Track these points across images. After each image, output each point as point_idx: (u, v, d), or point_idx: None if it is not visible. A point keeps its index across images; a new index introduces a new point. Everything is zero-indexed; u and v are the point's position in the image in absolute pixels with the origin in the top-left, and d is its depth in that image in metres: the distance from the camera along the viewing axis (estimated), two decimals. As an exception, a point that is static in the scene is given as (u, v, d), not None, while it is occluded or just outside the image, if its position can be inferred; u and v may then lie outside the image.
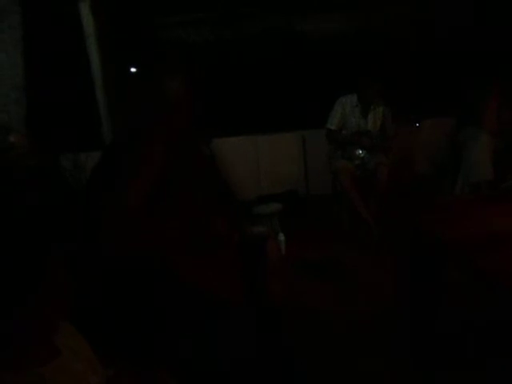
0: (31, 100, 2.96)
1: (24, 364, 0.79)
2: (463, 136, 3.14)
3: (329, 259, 2.90)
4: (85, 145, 3.44)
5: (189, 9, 4.18)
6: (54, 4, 3.63)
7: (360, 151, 3.41)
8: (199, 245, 1.46)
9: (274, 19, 4.41)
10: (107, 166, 1.43)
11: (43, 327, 0.84)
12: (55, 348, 0.86)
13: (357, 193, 3.29)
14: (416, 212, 2.12)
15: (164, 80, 1.50)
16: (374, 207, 3.29)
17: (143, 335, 1.31)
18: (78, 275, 1.15)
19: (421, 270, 1.85)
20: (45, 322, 0.84)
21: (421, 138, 4.34)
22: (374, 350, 1.97)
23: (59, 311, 0.87)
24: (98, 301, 1.37)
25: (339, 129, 3.47)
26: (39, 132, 2.98)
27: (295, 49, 4.56)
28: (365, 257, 2.95)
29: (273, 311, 1.56)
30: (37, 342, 0.82)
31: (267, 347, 1.44)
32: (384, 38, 4.46)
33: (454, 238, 1.68)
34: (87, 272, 1.30)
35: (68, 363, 0.86)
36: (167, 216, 1.39)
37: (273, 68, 4.60)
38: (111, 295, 1.37)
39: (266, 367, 1.41)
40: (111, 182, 1.33)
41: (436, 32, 4.43)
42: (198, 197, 1.54)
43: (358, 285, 2.59)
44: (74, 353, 0.91)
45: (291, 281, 2.10)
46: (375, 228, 3.20)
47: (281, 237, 3.02)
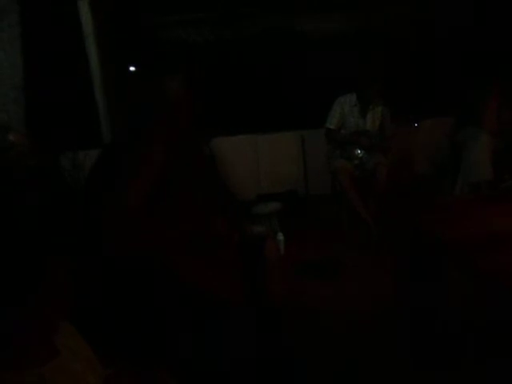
0: (30, 99, 2.95)
1: (24, 364, 0.78)
2: (463, 136, 3.14)
3: (328, 259, 2.90)
4: (83, 143, 3.44)
5: (189, 8, 4.17)
6: (53, 3, 3.63)
7: (359, 151, 3.41)
8: (199, 245, 1.46)
9: (274, 19, 4.41)
10: (106, 166, 1.43)
11: (43, 327, 0.84)
12: (54, 348, 0.86)
13: (356, 193, 3.30)
14: (416, 212, 2.12)
15: (164, 80, 1.50)
16: (373, 207, 3.29)
17: (143, 335, 1.31)
18: (78, 275, 1.15)
19: (421, 270, 1.86)
20: (45, 322, 0.84)
21: (420, 138, 4.35)
22: (374, 350, 1.97)
23: (59, 311, 0.87)
24: (98, 301, 1.36)
25: (338, 128, 3.46)
26: (38, 131, 2.97)
27: (295, 49, 4.56)
28: (364, 257, 2.95)
29: (273, 311, 1.56)
30: (37, 342, 0.82)
31: (267, 347, 1.44)
32: (384, 38, 4.46)
33: (454, 238, 1.69)
34: (87, 272, 1.30)
35: (67, 363, 0.86)
36: (167, 216, 1.38)
37: (272, 68, 4.60)
38: (111, 295, 1.36)
39: (266, 367, 1.41)
40: (111, 182, 1.32)
41: (436, 32, 4.43)
42: (198, 197, 1.54)
43: (358, 285, 2.58)
44: (74, 353, 0.90)
45: (291, 281, 2.10)
46: (374, 228, 3.20)
47: (280, 236, 3.02)
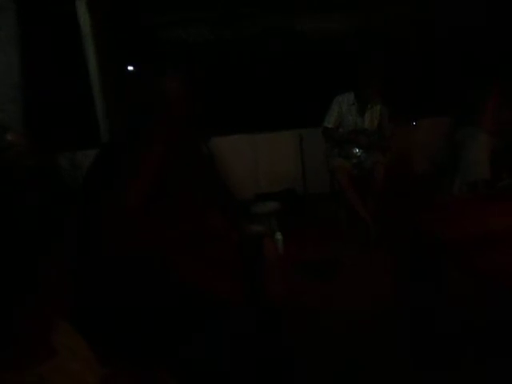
0: (28, 99, 2.94)
1: (22, 364, 0.78)
2: (461, 135, 3.14)
3: (327, 259, 2.90)
4: (82, 143, 3.43)
5: (188, 8, 4.16)
6: (51, 2, 3.61)
7: (357, 150, 3.41)
8: (199, 244, 1.46)
9: (274, 19, 4.41)
10: (105, 165, 1.43)
11: (41, 327, 0.83)
12: (53, 347, 0.85)
13: (354, 191, 3.30)
14: (414, 211, 2.12)
15: (163, 80, 1.50)
16: (372, 206, 3.30)
17: (142, 335, 1.31)
18: (77, 274, 1.15)
19: (420, 270, 1.86)
20: (43, 322, 0.83)
21: (418, 137, 4.35)
22: (374, 350, 1.97)
23: (57, 311, 0.87)
24: (97, 300, 1.36)
25: (336, 127, 3.47)
26: (36, 131, 2.97)
27: (294, 48, 4.55)
28: (363, 255, 2.95)
29: (272, 311, 1.56)
30: (35, 342, 0.82)
31: (267, 347, 1.44)
32: (384, 38, 4.46)
33: (453, 238, 1.69)
34: (86, 271, 1.30)
35: (66, 363, 0.86)
36: (166, 216, 1.38)
37: (271, 67, 4.59)
38: (110, 294, 1.36)
39: (266, 367, 1.41)
40: (109, 182, 1.32)
41: (435, 32, 4.43)
42: (198, 196, 1.54)
43: (357, 284, 2.58)
44: (72, 352, 0.90)
45: (290, 280, 2.10)
46: (373, 227, 3.21)
47: (278, 236, 3.01)
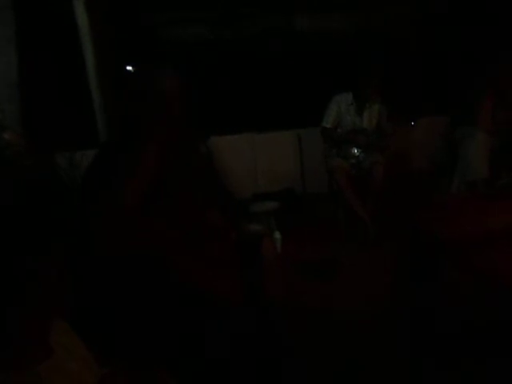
0: (25, 98, 2.93)
1: (20, 364, 0.78)
2: (459, 134, 3.15)
3: (326, 259, 2.89)
4: (80, 143, 3.42)
5: (188, 8, 4.16)
6: (48, 1, 3.60)
7: (355, 150, 3.41)
8: (198, 244, 1.46)
9: (274, 19, 4.41)
10: (103, 165, 1.43)
11: (40, 327, 0.83)
12: (50, 347, 0.85)
13: (352, 191, 3.30)
14: (413, 210, 2.13)
15: (162, 79, 1.50)
16: (370, 206, 3.30)
17: (142, 335, 1.31)
18: (75, 274, 1.15)
19: (419, 269, 1.86)
20: (42, 322, 0.83)
21: (416, 137, 4.36)
22: (374, 350, 1.97)
23: (55, 310, 0.87)
24: (97, 300, 1.36)
25: (334, 127, 3.47)
26: (34, 130, 2.96)
27: (294, 48, 4.56)
28: (362, 255, 2.95)
29: (272, 310, 1.56)
30: (33, 342, 0.82)
31: (267, 347, 1.44)
32: (384, 38, 4.47)
33: (451, 237, 1.69)
34: (84, 271, 1.30)
35: (63, 362, 0.86)
36: (166, 216, 1.38)
37: (271, 67, 4.59)
38: (110, 294, 1.36)
39: (266, 367, 1.41)
40: (108, 181, 1.32)
41: (435, 32, 4.44)
42: (198, 196, 1.54)
43: (357, 284, 2.58)
44: (69, 352, 0.90)
45: (289, 280, 2.10)
46: (371, 226, 3.21)
47: (277, 235, 3.01)
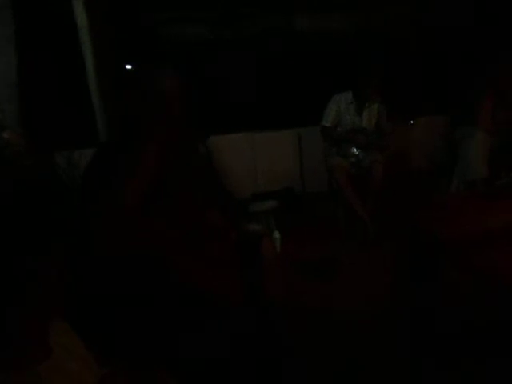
0: (25, 98, 2.93)
1: (21, 363, 0.78)
2: (459, 134, 3.15)
3: (326, 259, 2.89)
4: (79, 142, 3.42)
5: (188, 8, 4.16)
6: (48, 2, 3.60)
7: (355, 150, 3.41)
8: (198, 244, 1.46)
9: (274, 19, 4.41)
10: (103, 165, 1.42)
11: (39, 326, 0.83)
12: (49, 347, 0.85)
13: (352, 190, 3.30)
14: (413, 210, 2.13)
15: (162, 79, 1.50)
16: (370, 205, 3.30)
17: (142, 335, 1.31)
18: (74, 273, 1.15)
19: (419, 269, 1.86)
20: (41, 322, 0.83)
21: (416, 136, 4.36)
22: (374, 350, 1.96)
23: (55, 310, 0.87)
24: (96, 300, 1.36)
25: (334, 126, 3.47)
26: (34, 130, 2.96)
27: (294, 48, 4.55)
28: (361, 255, 2.95)
29: (272, 310, 1.56)
30: (33, 341, 0.82)
31: (267, 347, 1.44)
32: (384, 38, 4.47)
33: (451, 236, 1.69)
34: (84, 271, 1.30)
35: (62, 362, 0.86)
36: (165, 215, 1.38)
37: (271, 67, 4.59)
38: (109, 294, 1.36)
39: (266, 367, 1.41)
40: (108, 181, 1.32)
41: (435, 32, 4.44)
42: (197, 196, 1.54)
43: (357, 284, 2.57)
44: (68, 351, 0.90)
45: (288, 279, 2.09)
46: (371, 226, 3.21)
47: (276, 235, 3.01)
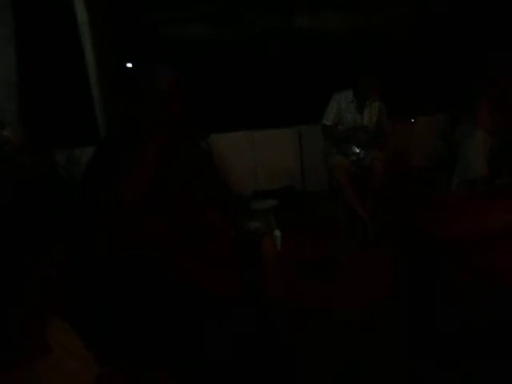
0: (25, 96, 2.93)
1: (20, 363, 0.78)
2: (459, 134, 3.15)
3: (326, 258, 2.88)
4: (80, 140, 3.42)
5: (188, 8, 4.15)
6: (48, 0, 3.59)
7: (356, 148, 3.40)
8: (198, 241, 1.46)
9: (274, 19, 4.40)
10: (103, 164, 1.42)
11: (38, 325, 0.83)
12: (48, 345, 0.85)
13: (352, 190, 3.29)
14: (413, 209, 2.12)
15: (162, 79, 1.50)
16: (370, 204, 3.29)
17: (142, 334, 1.31)
18: (75, 273, 1.15)
19: (419, 269, 1.86)
20: (40, 320, 0.83)
21: (416, 135, 4.35)
22: (374, 350, 1.96)
23: (55, 310, 0.87)
24: (96, 299, 1.36)
25: (335, 124, 3.46)
26: (34, 128, 2.95)
27: (294, 47, 4.55)
28: (361, 254, 2.95)
29: (272, 310, 1.56)
30: (32, 340, 0.82)
31: (267, 347, 1.44)
32: (384, 38, 4.45)
33: (451, 236, 1.69)
34: (84, 270, 1.30)
35: (61, 361, 0.86)
36: (165, 215, 1.38)
37: (271, 65, 4.58)
38: (110, 293, 1.36)
39: (266, 367, 1.41)
40: (108, 180, 1.32)
41: (435, 32, 4.43)
42: (197, 196, 1.54)
43: (357, 284, 2.57)
44: (67, 350, 0.90)
45: (288, 279, 2.09)
46: (371, 226, 3.20)
47: (277, 233, 3.01)
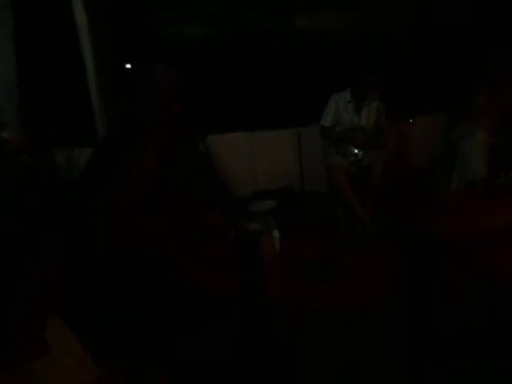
0: (24, 96, 2.93)
1: (18, 361, 0.78)
2: (458, 133, 3.16)
3: (326, 259, 2.88)
4: (78, 141, 3.41)
5: (188, 7, 4.15)
6: (47, 1, 3.59)
7: (355, 150, 3.40)
8: (198, 241, 1.46)
9: (274, 19, 4.41)
10: (102, 162, 1.42)
11: (36, 324, 0.83)
12: (46, 344, 0.85)
13: (352, 191, 3.28)
14: (413, 209, 2.12)
15: (162, 79, 1.50)
16: (369, 205, 3.29)
17: (142, 334, 1.31)
18: (75, 273, 1.15)
19: (419, 269, 1.86)
20: (39, 320, 0.83)
21: (416, 134, 4.36)
22: (374, 350, 1.96)
23: (54, 309, 0.87)
24: (95, 298, 1.36)
25: (333, 125, 3.46)
26: (33, 128, 2.95)
27: (294, 48, 4.55)
28: (361, 255, 2.94)
29: (272, 310, 1.56)
30: (30, 339, 0.82)
31: (267, 347, 1.44)
32: (384, 38, 4.45)
33: (451, 236, 1.69)
34: (84, 268, 1.30)
35: (59, 360, 0.86)
36: (165, 215, 1.38)
37: (270, 66, 4.58)
38: (109, 293, 1.36)
39: (266, 367, 1.41)
40: (108, 179, 1.32)
41: (435, 31, 4.43)
42: (197, 196, 1.54)
43: (357, 284, 2.57)
44: (65, 350, 0.90)
45: (288, 279, 2.09)
46: (370, 226, 3.20)
47: (275, 233, 3.00)
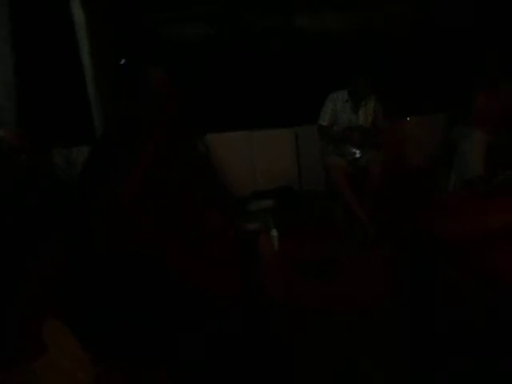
0: (22, 96, 2.92)
1: (17, 361, 0.78)
2: (457, 133, 3.16)
3: (326, 259, 2.88)
4: (76, 140, 3.41)
5: (188, 7, 4.14)
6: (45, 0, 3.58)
7: (354, 150, 3.41)
8: (198, 241, 1.46)
9: (274, 19, 4.40)
10: (101, 161, 1.42)
11: (36, 324, 0.83)
12: (44, 344, 0.85)
13: (350, 190, 3.28)
14: (412, 209, 2.13)
15: (160, 79, 1.50)
16: (368, 205, 3.29)
17: (142, 334, 1.30)
18: (75, 273, 1.14)
19: (419, 269, 1.86)
20: (37, 319, 0.83)
21: (414, 134, 4.36)
22: (374, 350, 1.97)
23: (53, 309, 0.86)
24: (95, 298, 1.36)
25: (331, 125, 3.47)
26: (31, 127, 2.94)
27: (293, 47, 4.54)
28: (360, 255, 2.95)
29: (272, 310, 1.56)
30: (28, 339, 0.82)
31: (267, 347, 1.44)
32: (384, 38, 4.45)
33: (451, 236, 1.69)
34: (83, 269, 1.29)
35: (57, 360, 0.86)
36: (165, 215, 1.38)
37: (269, 65, 4.57)
38: (109, 292, 1.35)
39: (266, 367, 1.41)
40: (106, 178, 1.32)
41: (435, 31, 4.43)
42: (197, 196, 1.54)
43: (356, 284, 2.57)
44: (61, 349, 0.90)
45: (288, 279, 2.10)
46: (369, 226, 3.20)
47: (274, 233, 3.00)
